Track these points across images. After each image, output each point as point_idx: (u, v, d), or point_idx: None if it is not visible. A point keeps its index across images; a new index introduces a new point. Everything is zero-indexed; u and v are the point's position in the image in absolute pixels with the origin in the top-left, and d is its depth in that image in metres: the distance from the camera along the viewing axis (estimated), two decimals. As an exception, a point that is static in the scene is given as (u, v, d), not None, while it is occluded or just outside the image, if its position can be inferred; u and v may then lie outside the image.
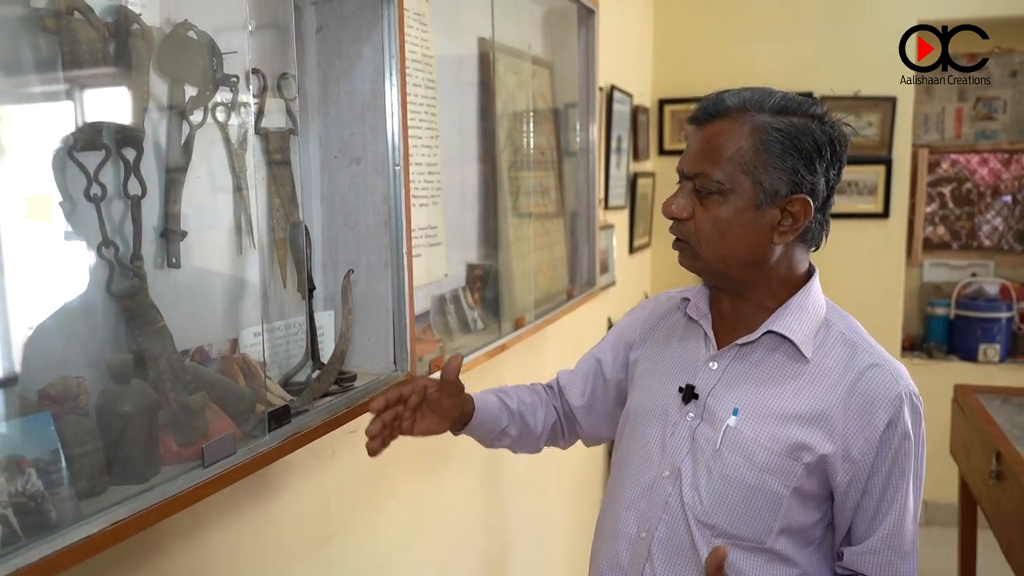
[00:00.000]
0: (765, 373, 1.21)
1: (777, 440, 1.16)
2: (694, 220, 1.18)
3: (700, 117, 1.19)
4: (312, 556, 1.51)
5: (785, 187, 1.14)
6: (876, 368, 1.17)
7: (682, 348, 1.30)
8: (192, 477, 0.99)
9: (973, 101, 4.63)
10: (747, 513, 1.17)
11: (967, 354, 4.48)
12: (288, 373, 1.34)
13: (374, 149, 1.43)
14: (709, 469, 1.19)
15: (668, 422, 1.25)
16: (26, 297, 0.91)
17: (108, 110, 1.01)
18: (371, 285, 1.46)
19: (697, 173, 1.17)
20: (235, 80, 1.19)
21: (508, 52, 2.21)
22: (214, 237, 1.21)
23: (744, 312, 1.24)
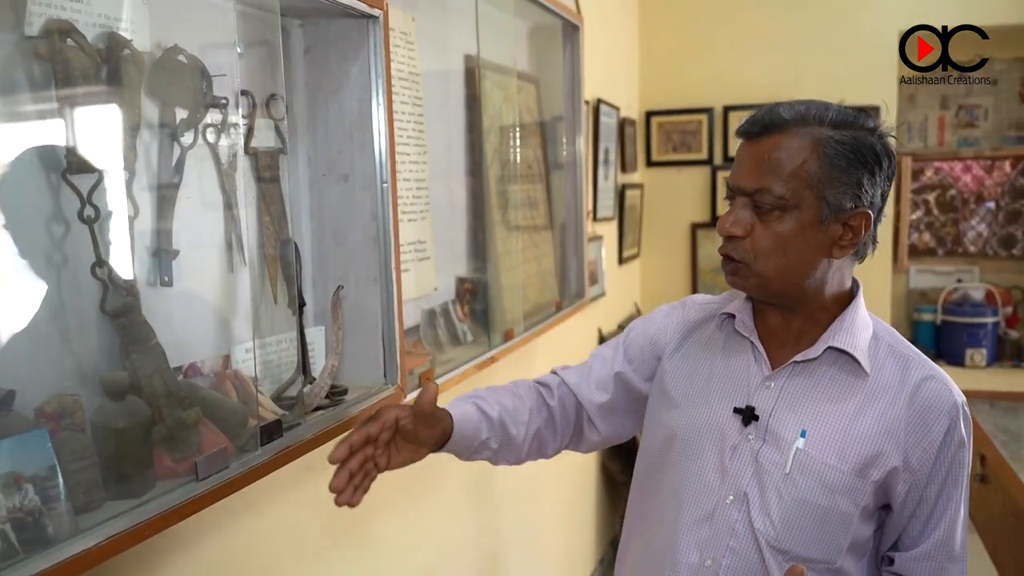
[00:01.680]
0: (826, 391, 1.19)
1: (847, 460, 1.15)
2: (752, 238, 1.15)
3: (753, 131, 1.16)
4: (305, 569, 1.53)
5: (849, 201, 1.12)
6: (931, 380, 1.17)
7: (727, 366, 1.26)
8: (186, 491, 1.01)
9: (955, 109, 4.70)
10: (821, 535, 1.16)
11: (954, 359, 4.52)
12: (280, 388, 1.36)
13: (362, 167, 1.45)
14: (780, 493, 1.16)
15: (726, 445, 1.21)
16: (21, 316, 0.93)
17: (101, 133, 1.03)
18: (361, 300, 1.48)
19: (757, 188, 1.13)
20: (224, 102, 1.21)
21: (494, 68, 2.25)
22: (205, 255, 1.23)
23: (795, 327, 1.22)
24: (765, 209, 1.13)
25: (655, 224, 4.35)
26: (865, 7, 4.20)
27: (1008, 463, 2.17)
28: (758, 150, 1.14)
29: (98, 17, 1.04)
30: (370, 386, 1.47)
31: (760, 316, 1.26)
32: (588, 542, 3.43)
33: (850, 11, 4.21)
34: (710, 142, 4.27)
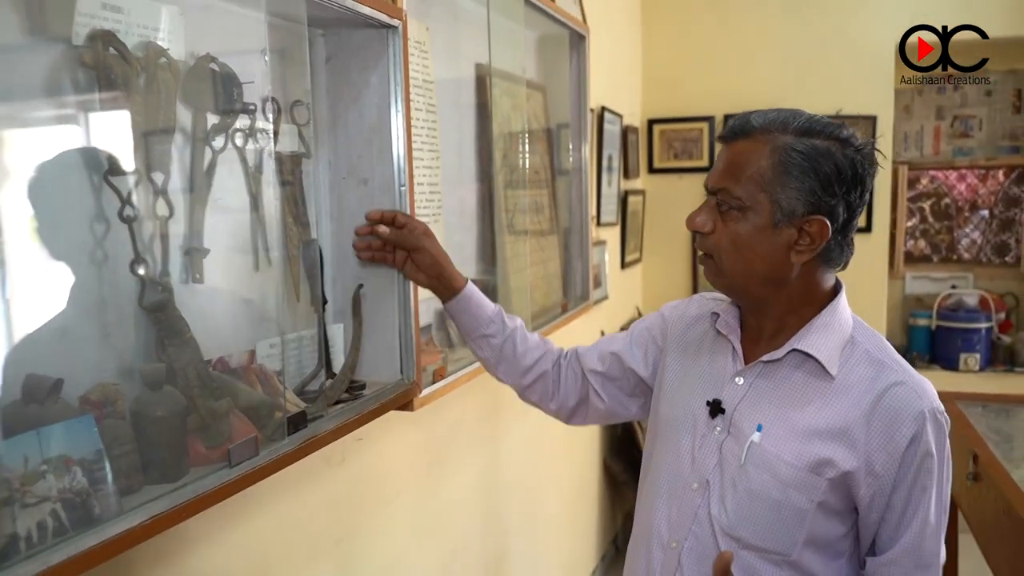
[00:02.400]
0: (789, 391, 1.21)
1: (801, 456, 1.17)
2: (715, 235, 1.21)
3: (727, 136, 1.21)
4: (324, 557, 1.57)
5: (802, 207, 1.14)
6: (900, 385, 1.16)
7: (711, 361, 1.31)
8: (219, 477, 1.05)
9: (950, 119, 4.74)
10: (772, 526, 1.18)
11: (949, 363, 4.56)
12: (302, 382, 1.40)
13: (381, 171, 1.50)
14: (735, 483, 1.20)
15: (697, 434, 1.26)
16: (66, 310, 0.98)
17: (139, 137, 1.07)
18: (378, 299, 1.53)
19: (719, 189, 1.19)
20: (253, 108, 1.26)
21: (503, 76, 2.29)
22: (233, 254, 1.27)
23: (767, 328, 1.26)
24: (724, 208, 1.19)
25: (657, 229, 4.39)
26: (863, 19, 4.24)
27: (1000, 462, 2.21)
28: (728, 153, 1.21)
29: (137, 27, 1.08)
30: (387, 381, 1.52)
31: (744, 317, 1.30)
32: (590, 539, 3.47)
33: (848, 23, 4.26)
34: (711, 150, 4.32)
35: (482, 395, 2.29)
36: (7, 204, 0.91)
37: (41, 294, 0.97)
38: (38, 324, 0.96)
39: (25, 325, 0.94)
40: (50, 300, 0.98)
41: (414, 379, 1.53)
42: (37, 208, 0.94)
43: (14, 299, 0.91)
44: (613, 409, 1.50)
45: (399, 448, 1.86)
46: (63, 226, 0.99)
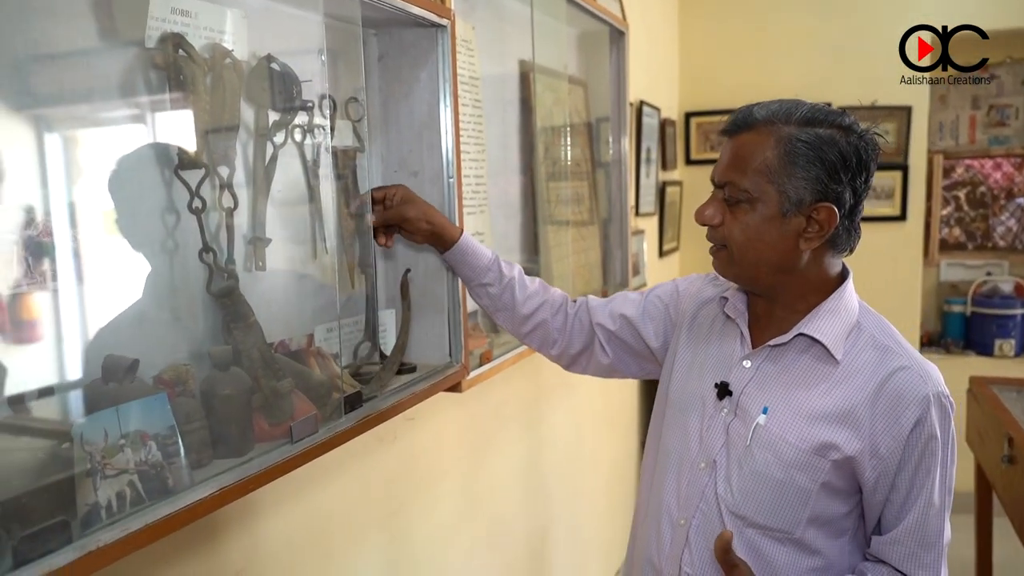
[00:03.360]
0: (796, 374, 1.20)
1: (805, 439, 1.16)
2: (724, 227, 1.20)
3: (730, 129, 1.20)
4: (378, 529, 1.60)
5: (810, 195, 1.13)
6: (905, 370, 1.15)
7: (720, 345, 1.31)
8: (282, 452, 1.07)
9: (986, 109, 4.62)
10: (776, 506, 1.18)
11: (983, 349, 4.46)
12: (357, 364, 1.43)
13: (430, 164, 1.51)
14: (740, 463, 1.20)
15: (705, 415, 1.26)
16: (142, 296, 1.01)
17: (206, 133, 1.10)
18: (429, 286, 1.54)
19: (726, 182, 1.18)
20: (311, 105, 1.28)
21: (546, 72, 2.29)
22: (293, 244, 1.30)
23: (776, 314, 1.24)
24: (732, 201, 1.18)
25: (693, 219, 4.34)
26: (898, 9, 4.15)
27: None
28: (732, 146, 1.19)
29: (204, 30, 1.11)
30: (436, 364, 1.54)
31: (751, 302, 1.29)
32: (628, 518, 3.47)
33: (885, 14, 4.16)
34: (747, 141, 4.26)
35: (526, 378, 2.31)
36: (84, 199, 0.94)
37: (120, 282, 1.00)
38: (118, 310, 0.99)
39: (106, 311, 0.97)
40: (128, 288, 1.01)
41: (462, 362, 1.55)
42: (116, 201, 0.98)
43: (95, 287, 0.94)
44: (615, 366, 1.50)
45: (447, 428, 1.88)
46: (138, 218, 1.02)
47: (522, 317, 1.48)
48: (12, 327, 0.84)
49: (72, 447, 0.83)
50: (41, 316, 0.88)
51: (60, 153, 0.92)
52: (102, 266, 0.97)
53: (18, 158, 0.86)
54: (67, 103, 0.94)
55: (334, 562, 1.47)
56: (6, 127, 0.86)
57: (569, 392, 2.73)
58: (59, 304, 0.90)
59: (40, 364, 0.89)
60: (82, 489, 0.83)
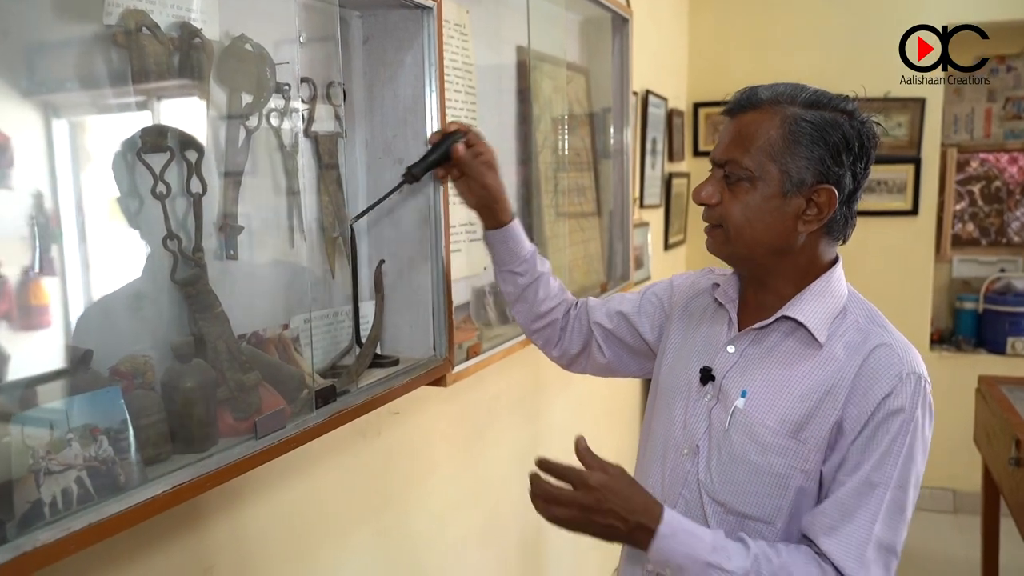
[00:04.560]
0: (778, 357, 1.19)
1: (783, 422, 1.14)
2: (723, 206, 1.18)
3: (734, 108, 1.19)
4: (362, 526, 1.56)
5: (811, 176, 1.12)
6: (885, 347, 1.13)
7: (708, 330, 1.30)
8: (246, 448, 1.03)
9: (1003, 102, 4.52)
10: (752, 491, 1.15)
11: (995, 347, 4.37)
12: (336, 357, 1.39)
13: (415, 150, 1.46)
14: (719, 448, 1.19)
15: (689, 400, 1.25)
16: (100, 285, 0.97)
17: (172, 116, 1.06)
18: (413, 277, 1.50)
19: (728, 160, 1.16)
20: (287, 88, 1.23)
21: (544, 59, 2.24)
22: (268, 232, 1.25)
23: (764, 299, 1.23)
24: (734, 180, 1.16)
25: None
26: (913, 2, 4.06)
27: (1043, 448, 2.10)
28: (735, 126, 1.17)
29: (171, 7, 1.06)
30: (420, 357, 1.49)
31: (743, 290, 1.28)
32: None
33: (897, 5, 4.09)
34: (756, 133, 4.19)
35: (522, 371, 2.26)
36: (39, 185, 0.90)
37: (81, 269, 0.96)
38: (91, 299, 0.95)
39: (67, 298, 0.93)
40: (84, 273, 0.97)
41: (446, 355, 1.50)
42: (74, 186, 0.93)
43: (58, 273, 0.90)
44: (613, 365, 1.49)
45: (436, 422, 1.84)
46: (97, 202, 0.98)
47: (538, 314, 1.49)
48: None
49: (11, 441, 0.79)
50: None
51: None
52: (104, 253, 0.95)
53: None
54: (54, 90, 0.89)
55: (313, 560, 1.44)
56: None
57: (568, 385, 2.68)
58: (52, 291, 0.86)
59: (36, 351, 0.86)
60: (22, 486, 0.79)
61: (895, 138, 4.20)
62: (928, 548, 3.84)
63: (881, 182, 4.23)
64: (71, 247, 0.92)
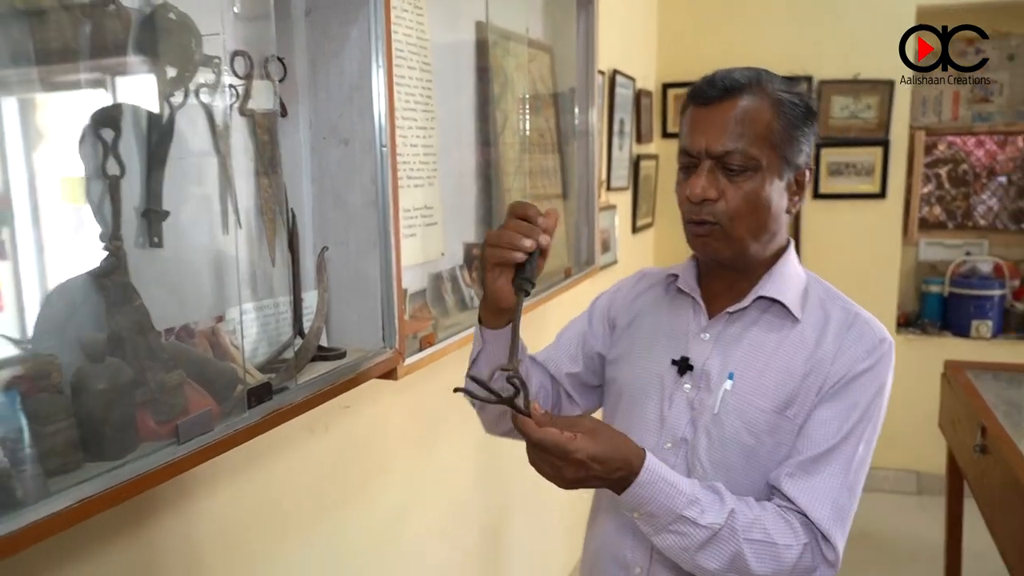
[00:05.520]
0: (756, 337, 1.17)
1: (772, 400, 1.13)
2: (725, 200, 1.11)
3: (714, 95, 1.12)
4: (309, 529, 1.48)
5: (800, 157, 1.14)
6: (858, 319, 1.16)
7: (671, 321, 1.26)
8: (167, 454, 0.95)
9: (970, 84, 4.50)
10: (745, 473, 1.14)
11: (960, 330, 4.38)
12: (276, 350, 1.30)
13: (362, 130, 1.38)
14: (709, 433, 1.15)
15: (665, 395, 1.20)
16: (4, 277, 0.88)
17: (83, 90, 0.96)
18: (360, 264, 1.41)
19: (728, 151, 1.10)
20: (217, 61, 1.14)
21: (505, 35, 2.15)
22: (198, 217, 1.16)
23: (735, 284, 1.20)
24: (737, 171, 1.11)
25: (670, 194, 4.19)
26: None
27: (1009, 436, 2.07)
28: (720, 113, 1.12)
29: (82, -29, 0.96)
30: (368, 349, 1.41)
31: (704, 277, 1.25)
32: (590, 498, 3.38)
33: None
34: (725, 114, 4.13)
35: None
36: None
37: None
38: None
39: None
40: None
41: (396, 347, 1.42)
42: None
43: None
44: (588, 408, 1.38)
45: (390, 415, 1.76)
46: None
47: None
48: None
49: None
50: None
51: None
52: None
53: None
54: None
55: (267, 561, 1.36)
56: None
57: (531, 373, 2.61)
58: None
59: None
60: None
61: (864, 121, 4.17)
62: (892, 529, 3.85)
63: (850, 165, 4.20)
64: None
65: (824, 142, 4.23)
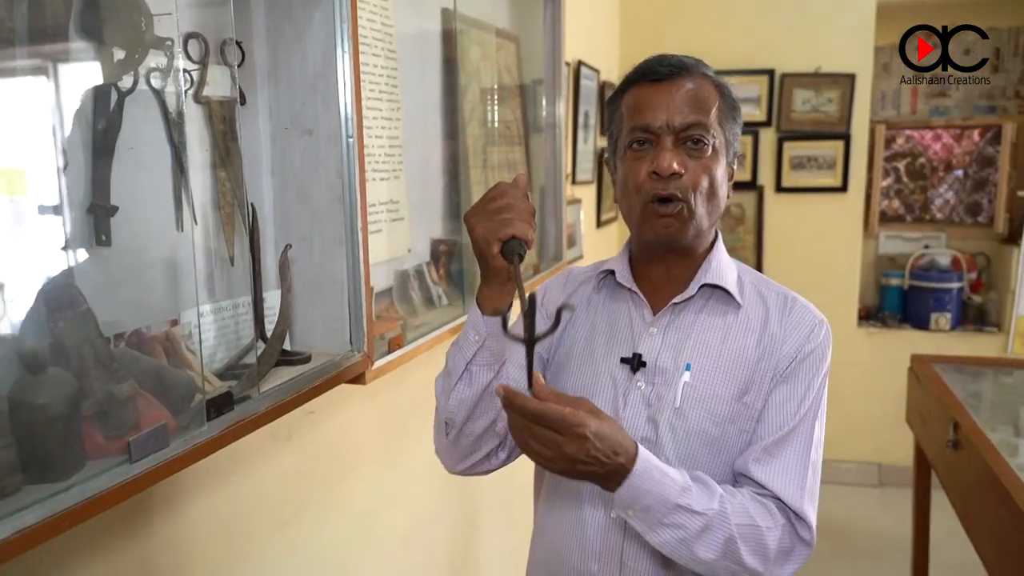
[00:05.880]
0: (705, 325, 1.17)
1: (730, 387, 1.13)
2: (688, 176, 1.10)
3: (668, 73, 1.12)
4: (269, 541, 1.40)
5: (736, 145, 1.17)
6: (796, 302, 1.19)
7: (611, 320, 1.22)
8: (118, 474, 0.86)
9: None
10: (714, 465, 1.12)
11: (920, 323, 4.43)
12: (237, 355, 1.22)
13: (326, 120, 1.29)
14: (673, 428, 1.13)
15: (618, 395, 1.16)
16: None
17: (18, 73, 0.87)
18: (325, 262, 1.33)
19: (692, 123, 1.09)
20: (169, 43, 1.05)
21: (472, 24, 2.08)
22: (150, 212, 1.07)
23: (675, 274, 1.19)
24: (700, 145, 1.11)
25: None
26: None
27: (982, 431, 2.07)
28: (676, 88, 1.11)
29: (15, -59, 0.87)
30: (335, 353, 1.33)
31: (640, 270, 1.22)
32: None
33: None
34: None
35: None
36: None
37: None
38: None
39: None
40: None
41: (364, 350, 1.35)
42: None
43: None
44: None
45: (356, 420, 1.68)
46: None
47: (484, 433, 1.19)
48: None
49: None
50: None
51: None
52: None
53: None
54: None
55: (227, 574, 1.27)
56: None
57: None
58: None
59: None
60: None
61: (825, 114, 4.18)
62: (856, 521, 3.88)
63: (812, 158, 4.21)
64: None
65: (786, 135, 4.24)
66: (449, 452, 1.23)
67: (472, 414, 1.16)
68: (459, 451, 1.21)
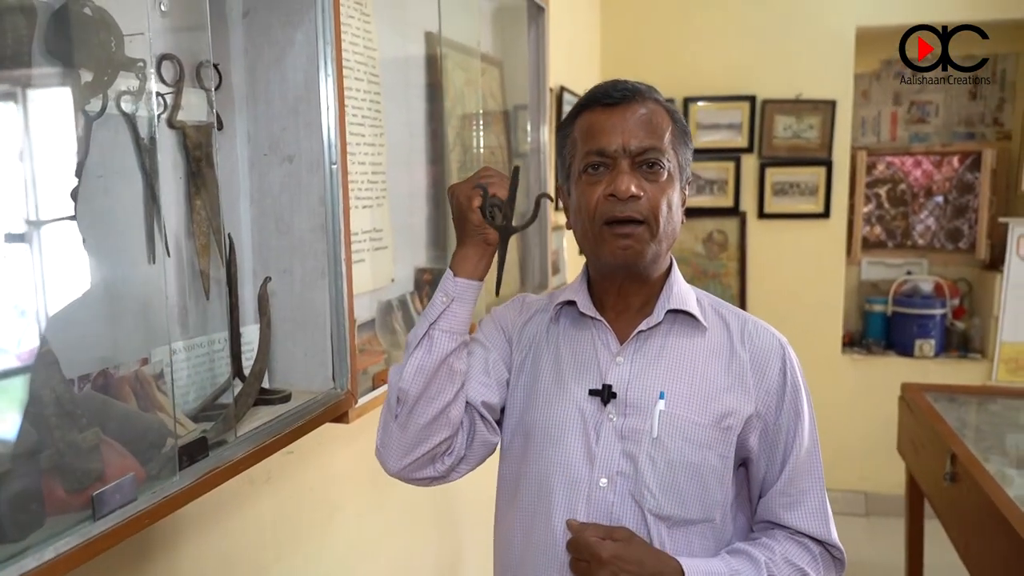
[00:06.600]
0: (674, 352, 1.14)
1: (706, 413, 1.11)
2: (647, 199, 1.08)
3: (622, 97, 1.11)
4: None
5: (687, 172, 1.15)
6: (753, 323, 1.18)
7: (574, 351, 1.18)
8: (81, 532, 0.79)
9: (908, 105, 4.58)
10: (697, 493, 1.10)
11: (904, 349, 4.41)
12: (212, 395, 1.15)
13: (308, 146, 1.24)
14: (652, 460, 1.09)
15: (588, 429, 1.12)
16: None
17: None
18: (307, 295, 1.27)
19: (648, 147, 1.09)
20: (141, 65, 0.99)
21: (456, 48, 2.04)
22: (120, 244, 1.01)
23: (635, 301, 1.17)
24: (656, 168, 1.09)
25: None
26: (824, 4, 4.07)
27: (980, 462, 2.03)
28: (630, 113, 1.10)
29: (-25, -45, 0.81)
30: (317, 391, 1.26)
31: (600, 298, 1.19)
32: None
33: (810, 7, 4.09)
34: (671, 133, 4.10)
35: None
36: None
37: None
38: None
39: None
40: None
41: (347, 387, 1.28)
42: None
43: None
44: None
45: (338, 459, 1.61)
46: None
47: (446, 422, 1.11)
48: None
49: None
50: None
51: None
52: None
53: None
54: None
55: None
56: None
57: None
58: None
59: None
60: None
61: (807, 140, 4.19)
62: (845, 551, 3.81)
63: (794, 184, 4.21)
64: None
65: (768, 162, 4.24)
66: (396, 440, 1.11)
67: (427, 389, 1.07)
68: (407, 438, 1.10)
